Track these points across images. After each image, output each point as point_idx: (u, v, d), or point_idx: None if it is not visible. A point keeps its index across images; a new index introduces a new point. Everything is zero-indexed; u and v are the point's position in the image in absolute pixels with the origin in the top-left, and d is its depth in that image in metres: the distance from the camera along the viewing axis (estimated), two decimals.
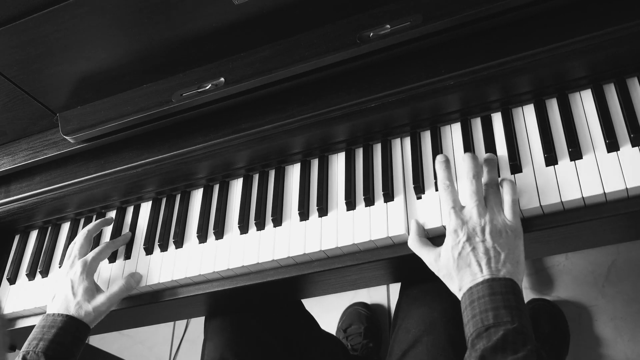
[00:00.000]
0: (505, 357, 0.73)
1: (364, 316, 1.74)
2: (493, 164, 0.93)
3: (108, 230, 1.21)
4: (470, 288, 0.81)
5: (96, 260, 1.09)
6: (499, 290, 0.79)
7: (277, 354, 1.17)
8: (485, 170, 0.93)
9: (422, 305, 1.07)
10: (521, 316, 0.77)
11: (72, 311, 1.01)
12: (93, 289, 1.05)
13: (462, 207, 0.88)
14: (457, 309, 0.84)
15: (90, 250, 1.11)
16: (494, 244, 0.83)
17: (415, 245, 0.92)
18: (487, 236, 0.84)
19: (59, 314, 1.01)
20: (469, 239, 0.84)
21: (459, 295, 0.84)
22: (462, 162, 0.94)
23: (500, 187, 0.90)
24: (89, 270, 1.07)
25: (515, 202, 0.88)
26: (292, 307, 1.31)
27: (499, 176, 0.93)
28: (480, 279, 0.81)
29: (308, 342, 1.26)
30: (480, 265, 0.82)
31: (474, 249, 0.84)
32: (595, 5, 0.89)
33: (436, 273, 0.88)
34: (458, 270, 0.84)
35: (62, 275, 1.08)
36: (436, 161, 0.95)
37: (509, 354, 0.74)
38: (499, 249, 0.83)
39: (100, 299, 1.04)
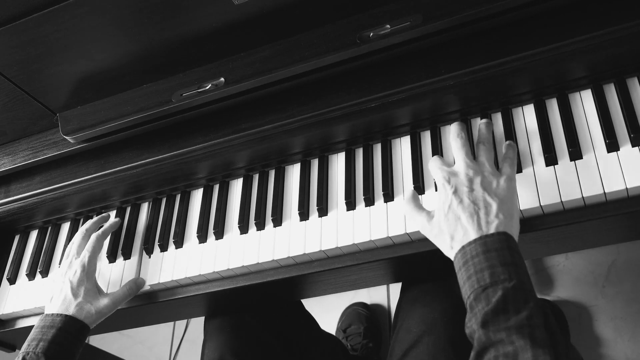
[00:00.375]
0: (508, 319, 0.70)
1: (363, 316, 1.74)
2: (488, 123, 0.94)
3: None
4: (463, 247, 0.79)
5: (93, 259, 1.07)
6: (493, 246, 0.76)
7: (277, 354, 1.17)
8: (478, 128, 0.93)
9: (423, 306, 1.07)
10: (519, 272, 0.75)
11: (71, 311, 1.01)
12: (95, 290, 1.05)
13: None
14: (458, 309, 0.84)
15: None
16: (484, 194, 0.81)
17: (409, 208, 0.90)
18: (476, 186, 0.82)
19: (58, 314, 1.00)
20: (457, 190, 0.83)
21: (451, 255, 0.81)
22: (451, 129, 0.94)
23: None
24: (89, 271, 1.06)
25: (513, 157, 0.88)
26: (292, 307, 1.31)
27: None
28: (472, 237, 0.78)
29: (308, 342, 1.26)
30: (470, 218, 0.80)
31: (461, 201, 0.82)
32: (595, 5, 0.89)
33: (428, 235, 0.86)
34: (448, 224, 0.81)
35: (59, 276, 1.07)
36: (430, 161, 0.95)
37: (512, 314, 0.71)
38: (489, 199, 0.81)
39: (104, 301, 1.04)
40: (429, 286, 1.10)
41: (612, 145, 0.89)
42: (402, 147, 1.04)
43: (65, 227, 1.27)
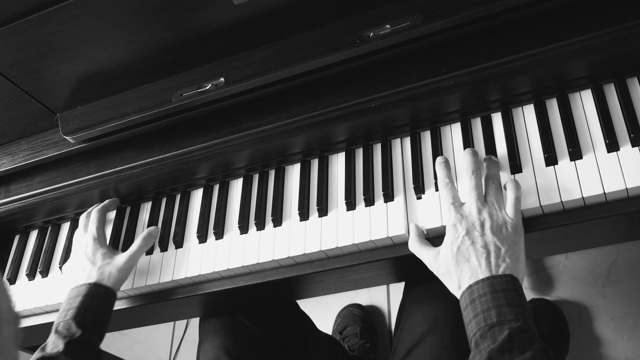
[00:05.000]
0: (513, 358, 0.72)
1: (358, 317, 1.74)
2: (494, 161, 0.94)
3: (108, 231, 1.20)
4: (470, 286, 0.80)
5: (100, 229, 1.12)
6: (500, 287, 0.78)
7: (273, 354, 1.17)
8: (485, 166, 0.93)
9: (426, 305, 1.07)
10: (525, 314, 0.76)
11: (94, 277, 1.03)
12: (110, 253, 1.08)
13: (462, 204, 0.88)
14: (460, 308, 0.84)
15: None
16: (494, 238, 0.82)
17: (414, 246, 0.91)
18: (487, 231, 0.83)
19: (82, 283, 1.03)
20: (468, 232, 0.84)
21: (458, 294, 0.83)
22: (462, 159, 0.94)
23: (504, 187, 0.90)
24: (100, 239, 1.10)
25: (518, 199, 0.87)
26: (288, 308, 1.30)
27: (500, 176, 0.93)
28: (480, 277, 0.80)
29: (304, 342, 1.26)
30: (479, 260, 0.81)
31: (473, 242, 0.83)
32: (595, 5, 0.89)
33: (435, 272, 0.87)
34: (457, 265, 0.83)
35: (74, 255, 1.10)
36: (436, 162, 0.96)
37: (517, 353, 0.72)
38: (498, 243, 0.82)
39: (121, 257, 1.06)
40: (433, 285, 1.10)
41: (612, 145, 0.89)
42: (402, 147, 1.04)
43: (65, 227, 1.27)
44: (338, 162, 1.08)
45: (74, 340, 0.95)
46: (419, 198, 0.98)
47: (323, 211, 1.03)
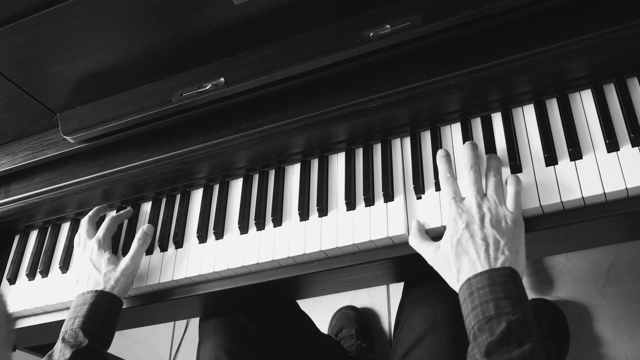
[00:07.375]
0: (511, 351, 0.72)
1: (353, 318, 1.74)
2: (495, 155, 0.94)
3: None
4: (469, 279, 0.80)
5: (107, 235, 1.12)
6: (499, 280, 0.78)
7: (272, 354, 1.17)
8: (487, 159, 0.93)
9: (426, 305, 1.07)
10: (523, 306, 0.76)
11: (101, 285, 1.04)
12: (114, 258, 1.08)
13: (463, 198, 0.89)
14: (460, 308, 0.84)
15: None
16: (493, 231, 0.83)
17: (415, 241, 0.91)
18: (487, 224, 0.84)
19: (88, 291, 1.03)
20: (468, 226, 0.84)
21: (457, 287, 0.83)
22: (462, 153, 0.94)
23: (505, 183, 0.90)
24: (105, 244, 1.10)
25: (518, 193, 0.87)
26: (288, 308, 1.30)
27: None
28: (479, 269, 0.80)
29: (304, 342, 1.26)
30: (478, 253, 0.81)
31: (472, 236, 0.83)
32: (595, 5, 0.89)
33: (435, 266, 0.87)
34: (456, 258, 0.83)
35: (80, 260, 1.10)
36: (437, 155, 0.96)
37: (515, 346, 0.72)
38: (497, 237, 0.82)
39: (124, 262, 1.07)
40: (432, 285, 1.10)
41: (612, 145, 0.89)
42: (402, 147, 1.04)
43: (65, 227, 1.27)
44: (338, 162, 1.08)
45: (81, 349, 0.96)
46: (419, 198, 0.98)
47: (323, 211, 1.03)
